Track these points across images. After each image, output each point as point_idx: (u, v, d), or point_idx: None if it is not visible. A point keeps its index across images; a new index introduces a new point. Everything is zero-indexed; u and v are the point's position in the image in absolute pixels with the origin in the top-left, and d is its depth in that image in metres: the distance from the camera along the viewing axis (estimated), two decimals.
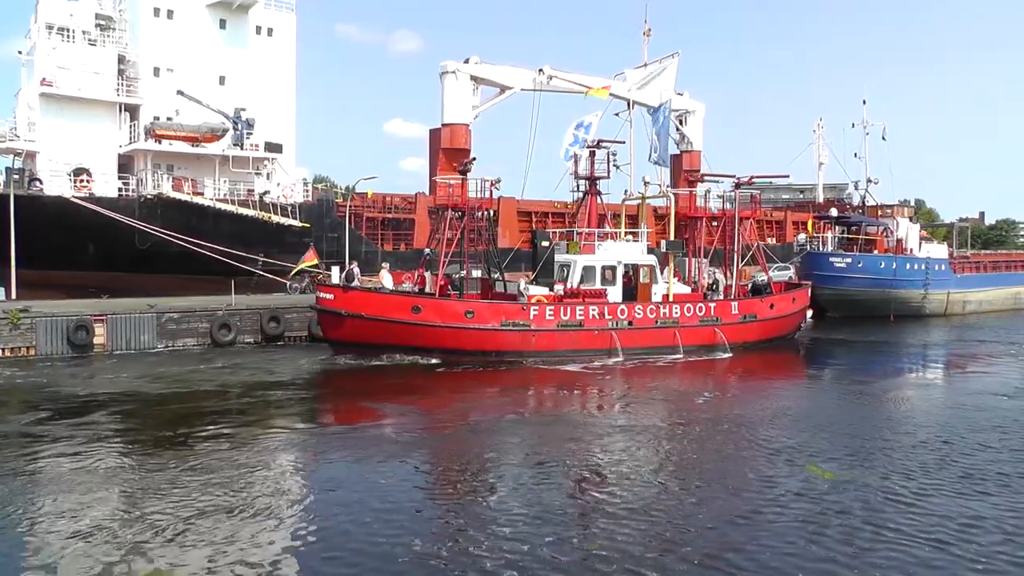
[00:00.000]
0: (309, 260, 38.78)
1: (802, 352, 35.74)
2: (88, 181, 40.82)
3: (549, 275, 33.02)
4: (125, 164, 43.89)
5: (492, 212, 36.97)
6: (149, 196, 40.97)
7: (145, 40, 44.90)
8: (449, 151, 59.77)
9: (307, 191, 47.73)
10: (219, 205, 41.79)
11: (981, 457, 16.62)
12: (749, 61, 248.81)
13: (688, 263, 35.99)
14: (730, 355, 31.65)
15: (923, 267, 49.97)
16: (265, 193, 44.26)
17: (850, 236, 50.08)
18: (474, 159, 30.96)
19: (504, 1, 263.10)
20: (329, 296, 29.19)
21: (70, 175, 40.55)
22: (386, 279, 31.53)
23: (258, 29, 48.55)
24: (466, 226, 30.97)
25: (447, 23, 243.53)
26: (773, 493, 14.24)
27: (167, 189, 40.94)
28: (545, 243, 32.79)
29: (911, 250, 50.95)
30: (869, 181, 58.24)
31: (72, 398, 22.25)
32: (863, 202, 58.69)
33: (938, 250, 53.67)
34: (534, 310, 29.73)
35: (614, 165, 34.84)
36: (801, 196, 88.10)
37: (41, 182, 39.63)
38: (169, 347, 31.09)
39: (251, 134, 45.12)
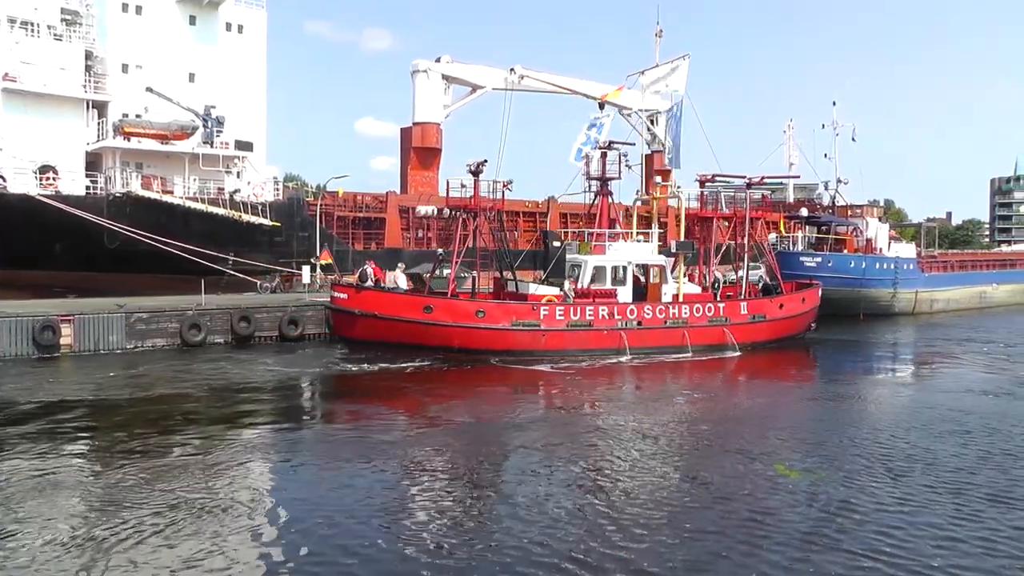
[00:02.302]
0: (324, 259, 40.34)
1: (812, 352, 35.70)
2: (54, 179, 40.17)
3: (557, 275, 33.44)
4: (93, 162, 43.24)
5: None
6: (118, 194, 40.36)
7: (113, 36, 44.30)
8: (420, 150, 59.74)
9: (278, 190, 47.35)
10: (189, 204, 41.30)
11: (945, 461, 16.87)
12: (747, 61, 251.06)
13: (698, 263, 36.37)
14: (739, 355, 31.91)
15: (892, 266, 50.60)
16: (235, 192, 43.81)
17: (820, 236, 50.64)
18: (485, 161, 31.26)
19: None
20: (343, 296, 30.14)
21: (35, 172, 39.86)
22: (400, 279, 31.89)
23: (228, 26, 48.15)
24: (479, 226, 31.35)
25: (420, 21, 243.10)
26: (750, 494, 14.41)
27: (136, 187, 40.39)
28: (556, 243, 33.07)
29: (880, 250, 51.56)
30: (839, 181, 59.01)
31: (33, 401, 21.65)
32: (833, 202, 59.39)
33: (906, 250, 54.35)
34: (544, 310, 30.03)
35: (626, 165, 35.26)
36: (771, 196, 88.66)
37: (4, 180, 38.88)
38: (138, 347, 30.63)
39: (221, 132, 44.70)
